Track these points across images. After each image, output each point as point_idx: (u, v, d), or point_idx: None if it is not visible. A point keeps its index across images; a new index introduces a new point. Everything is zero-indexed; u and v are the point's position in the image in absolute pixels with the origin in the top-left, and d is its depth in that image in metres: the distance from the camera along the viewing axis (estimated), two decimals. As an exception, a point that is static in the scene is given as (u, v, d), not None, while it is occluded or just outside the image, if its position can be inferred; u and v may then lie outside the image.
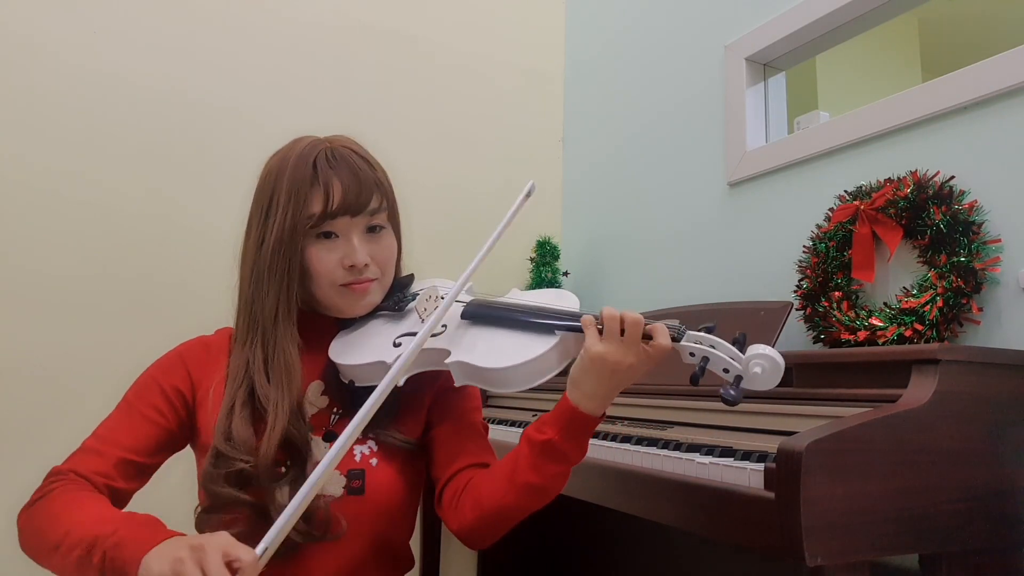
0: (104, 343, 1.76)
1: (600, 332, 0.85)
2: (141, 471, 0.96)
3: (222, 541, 0.73)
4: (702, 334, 0.85)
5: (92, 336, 1.76)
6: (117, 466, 0.92)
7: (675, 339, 0.85)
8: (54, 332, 1.73)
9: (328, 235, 0.96)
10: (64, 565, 0.82)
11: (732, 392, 0.81)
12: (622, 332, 0.84)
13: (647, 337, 0.85)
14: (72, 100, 1.80)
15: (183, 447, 1.01)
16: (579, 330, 0.89)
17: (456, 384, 0.94)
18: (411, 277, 1.08)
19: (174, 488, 1.06)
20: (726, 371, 0.83)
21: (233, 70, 2.00)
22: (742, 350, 0.83)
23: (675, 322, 0.87)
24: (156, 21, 1.91)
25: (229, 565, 0.71)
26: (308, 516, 0.89)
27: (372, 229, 0.99)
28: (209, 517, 0.90)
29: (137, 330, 1.78)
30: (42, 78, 1.77)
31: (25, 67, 1.75)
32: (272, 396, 0.92)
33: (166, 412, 0.97)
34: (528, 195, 0.98)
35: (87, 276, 1.78)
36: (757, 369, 0.82)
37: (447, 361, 0.92)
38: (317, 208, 0.94)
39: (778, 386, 1.19)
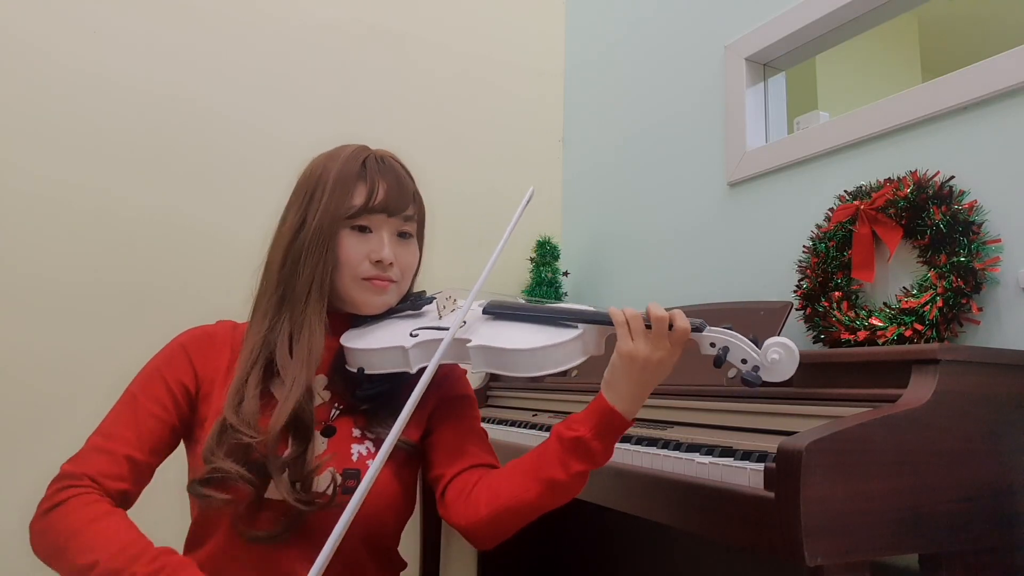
0: (104, 346, 1.76)
1: (630, 330, 0.88)
2: (147, 471, 0.96)
3: None
4: (721, 328, 0.89)
5: (92, 339, 1.76)
6: (126, 465, 0.92)
7: (697, 329, 0.89)
8: (55, 335, 1.73)
9: (362, 229, 1.00)
10: None
11: (753, 374, 0.86)
12: (648, 327, 0.88)
13: (669, 326, 0.88)
14: (71, 104, 1.80)
15: (177, 446, 1.01)
16: (600, 323, 0.92)
17: (474, 370, 0.96)
18: (423, 293, 1.12)
19: (170, 487, 1.06)
20: (744, 361, 0.87)
21: (233, 74, 2.00)
22: (758, 345, 0.88)
23: (696, 319, 0.90)
24: (155, 24, 1.91)
25: None
26: (307, 487, 0.90)
27: (402, 235, 1.04)
28: (203, 488, 0.90)
29: (137, 333, 1.78)
30: (41, 82, 1.77)
31: (24, 71, 1.75)
32: (292, 371, 0.94)
33: (169, 407, 0.96)
34: (529, 200, 1.04)
35: (87, 279, 1.78)
36: (775, 355, 0.86)
37: (469, 346, 0.95)
38: (360, 200, 0.99)
39: (778, 386, 1.19)
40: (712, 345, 0.89)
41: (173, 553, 0.85)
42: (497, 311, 1.02)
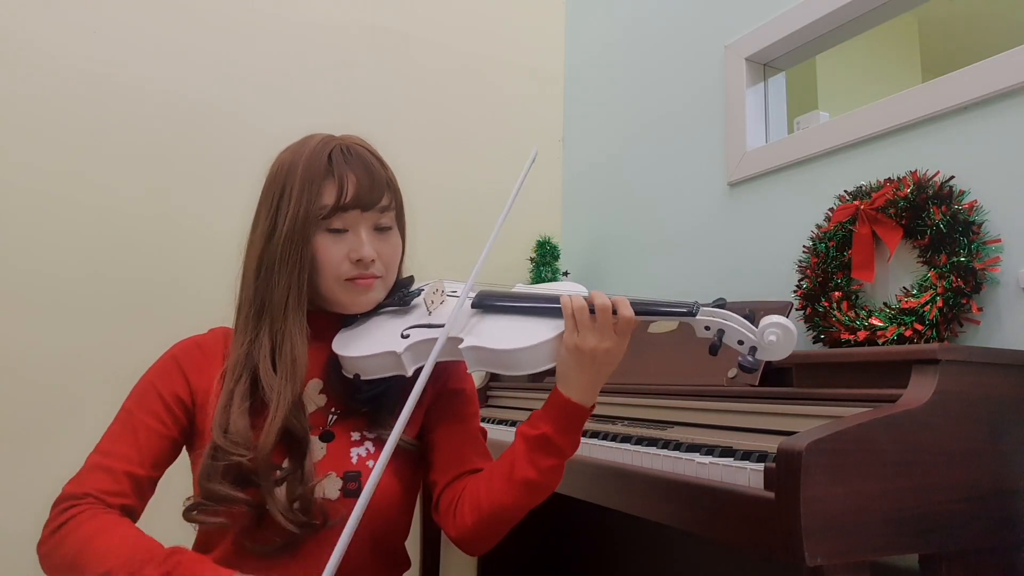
0: (103, 343, 1.77)
1: (575, 323, 0.87)
2: (150, 485, 0.94)
3: None
4: (715, 308, 0.87)
5: (91, 337, 1.76)
6: (127, 482, 0.90)
7: (691, 314, 0.87)
8: (53, 333, 1.73)
9: (337, 230, 0.97)
10: None
11: (751, 359, 0.82)
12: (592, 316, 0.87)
13: (614, 314, 0.87)
14: (70, 101, 1.80)
15: (178, 456, 1.00)
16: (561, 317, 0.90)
17: (470, 370, 0.94)
18: (411, 279, 1.08)
19: (174, 497, 1.05)
20: (741, 343, 0.85)
21: (232, 71, 2.00)
22: (754, 323, 0.85)
23: (689, 300, 0.88)
24: (153, 22, 1.91)
25: None
26: (305, 507, 0.89)
27: (380, 228, 1.00)
28: (200, 512, 0.89)
29: (136, 331, 1.79)
30: (40, 79, 1.77)
31: (23, 68, 1.76)
32: (276, 386, 0.91)
33: (167, 421, 0.95)
34: (533, 161, 1.01)
35: (85, 277, 1.78)
36: (772, 337, 0.83)
37: (461, 347, 0.92)
38: (330, 199, 0.95)
39: (778, 386, 1.19)
40: (707, 328, 0.86)
41: (184, 551, 0.84)
42: (487, 304, 0.98)
